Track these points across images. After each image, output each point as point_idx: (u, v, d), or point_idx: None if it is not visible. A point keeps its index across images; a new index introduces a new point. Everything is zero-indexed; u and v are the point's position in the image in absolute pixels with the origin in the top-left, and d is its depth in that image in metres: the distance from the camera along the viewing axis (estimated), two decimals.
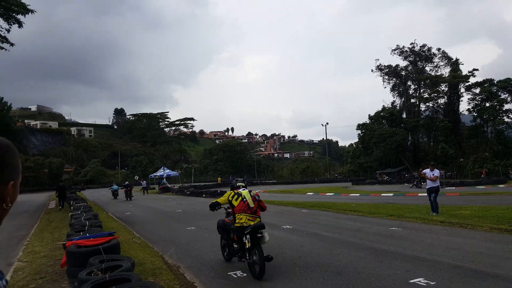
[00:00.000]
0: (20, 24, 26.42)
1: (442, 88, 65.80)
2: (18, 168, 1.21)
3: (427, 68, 70.21)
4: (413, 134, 67.45)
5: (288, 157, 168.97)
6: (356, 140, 72.78)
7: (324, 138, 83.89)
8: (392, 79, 71.75)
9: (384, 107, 70.71)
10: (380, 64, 71.14)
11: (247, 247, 6.28)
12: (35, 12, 26.38)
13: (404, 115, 69.61)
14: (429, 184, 13.30)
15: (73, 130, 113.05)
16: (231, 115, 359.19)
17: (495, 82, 58.58)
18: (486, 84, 58.96)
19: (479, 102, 60.43)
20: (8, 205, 1.16)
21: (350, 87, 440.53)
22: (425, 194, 14.61)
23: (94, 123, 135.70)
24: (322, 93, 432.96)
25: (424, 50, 68.94)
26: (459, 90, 63.67)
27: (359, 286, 5.42)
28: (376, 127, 66.30)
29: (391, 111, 68.00)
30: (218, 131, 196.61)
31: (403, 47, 69.67)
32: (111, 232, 6.63)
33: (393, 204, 17.83)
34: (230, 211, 7.02)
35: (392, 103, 72.29)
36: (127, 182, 32.75)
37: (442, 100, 67.05)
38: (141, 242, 9.90)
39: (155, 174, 57.73)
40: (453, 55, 70.76)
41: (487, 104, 58.89)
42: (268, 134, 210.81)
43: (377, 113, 69.35)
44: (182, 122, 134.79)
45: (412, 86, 71.40)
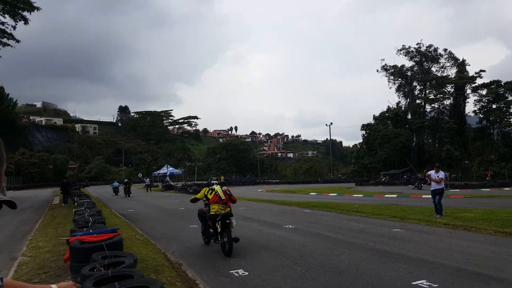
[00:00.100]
0: (26, 21, 26.53)
1: (448, 89, 65.50)
2: (2, 157, 1.31)
3: (433, 69, 69.92)
4: (418, 135, 67.17)
5: (292, 156, 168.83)
6: (360, 140, 72.65)
7: (328, 138, 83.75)
8: (397, 80, 71.49)
9: (389, 108, 70.49)
10: (385, 64, 70.95)
11: (219, 230, 7.79)
12: (41, 9, 26.47)
13: (409, 116, 69.29)
14: (433, 186, 13.24)
15: (77, 127, 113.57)
16: (235, 114, 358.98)
17: (502, 83, 58.13)
18: (493, 86, 58.56)
19: (486, 104, 60.07)
20: None
21: (354, 87, 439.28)
22: (429, 196, 14.55)
23: (98, 120, 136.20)
24: (327, 92, 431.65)
25: (430, 50, 68.60)
26: (465, 91, 63.29)
27: (361, 287, 5.40)
28: (381, 128, 66.07)
29: (396, 112, 67.71)
30: (221, 130, 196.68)
31: (409, 47, 69.43)
32: (114, 228, 6.64)
33: (396, 205, 17.80)
34: (207, 202, 8.40)
35: (397, 103, 72.10)
36: (126, 180, 35.00)
37: (448, 101, 66.82)
38: (143, 239, 9.93)
39: (158, 172, 57.85)
40: (459, 56, 70.25)
41: (494, 106, 58.53)
42: (272, 134, 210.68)
43: (381, 113, 69.11)
44: (186, 121, 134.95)
45: (418, 87, 71.09)
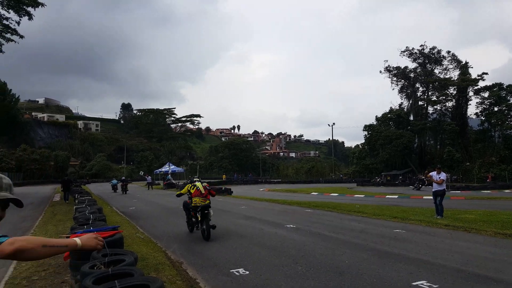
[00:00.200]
0: (30, 16, 26.52)
1: (451, 91, 65.27)
2: None
3: (436, 71, 69.55)
4: (420, 136, 66.97)
5: (294, 156, 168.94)
6: (363, 141, 72.44)
7: (330, 138, 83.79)
8: (400, 81, 71.21)
9: (391, 109, 70.21)
10: (388, 65, 70.68)
11: (199, 219, 9.45)
12: (45, 5, 26.48)
13: (411, 117, 69.08)
14: (435, 187, 13.22)
15: (80, 123, 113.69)
16: (238, 113, 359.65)
17: (504, 86, 57.91)
18: (495, 88, 58.35)
19: (488, 106, 59.85)
20: None
21: (357, 88, 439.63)
22: (429, 197, 14.53)
23: (101, 117, 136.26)
24: (329, 93, 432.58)
25: (433, 52, 68.29)
26: (468, 94, 63.08)
27: (361, 287, 5.40)
28: (383, 129, 65.90)
29: (399, 113, 67.52)
30: (224, 129, 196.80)
31: (413, 48, 69.04)
32: (115, 226, 6.63)
33: (397, 206, 17.78)
34: (189, 196, 9.96)
35: (400, 105, 71.77)
36: (123, 178, 36.95)
37: (450, 103, 66.50)
38: (144, 237, 9.94)
39: (160, 169, 57.99)
40: (462, 58, 70.38)
41: (496, 109, 58.33)
42: (274, 133, 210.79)
43: (384, 114, 68.93)
44: (189, 119, 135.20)
45: (420, 89, 70.77)
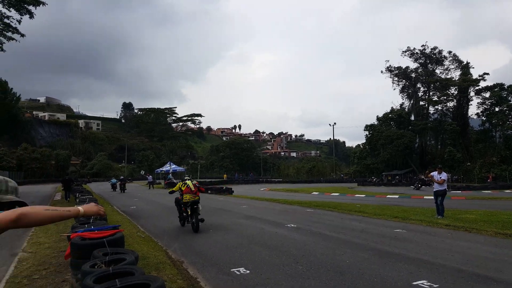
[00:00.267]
0: (31, 15, 26.50)
1: (452, 92, 65.20)
2: None
3: (437, 71, 69.47)
4: (421, 136, 66.89)
5: (295, 156, 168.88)
6: (364, 141, 72.33)
7: (331, 138, 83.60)
8: (401, 81, 71.10)
9: (392, 109, 70.11)
10: (390, 65, 70.58)
11: (189, 214, 10.79)
12: (46, 4, 26.48)
13: (412, 117, 69.03)
14: (436, 187, 13.22)
15: (81, 122, 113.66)
16: (239, 112, 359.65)
17: (505, 86, 57.89)
18: (497, 89, 58.30)
19: (489, 107, 59.78)
20: None
21: (358, 88, 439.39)
22: (430, 197, 14.53)
23: (102, 116, 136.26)
24: (331, 93, 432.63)
25: (435, 52, 68.17)
26: (469, 94, 63.01)
27: (362, 286, 5.41)
28: (384, 129, 65.83)
29: (400, 113, 67.45)
30: (225, 128, 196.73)
31: (414, 48, 68.90)
32: (116, 225, 6.64)
33: (398, 206, 17.77)
34: (181, 193, 11.08)
35: (401, 105, 71.69)
36: (122, 177, 37.31)
37: (451, 104, 66.41)
38: (145, 236, 9.95)
39: (161, 169, 57.95)
40: (464, 58, 70.29)
41: (497, 109, 58.29)
42: (275, 133, 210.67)
43: (385, 114, 68.86)
44: (190, 118, 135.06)
45: (422, 89, 70.64)
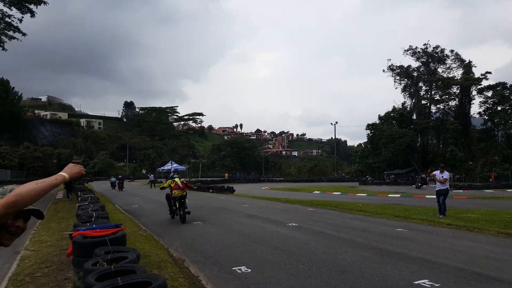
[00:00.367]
0: (32, 14, 26.48)
1: (454, 90, 65.03)
2: None
3: (439, 70, 69.29)
4: (422, 135, 66.76)
5: (296, 155, 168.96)
6: (365, 140, 72.22)
7: (333, 137, 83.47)
8: (403, 80, 70.98)
9: (394, 108, 69.99)
10: (392, 64, 70.40)
11: (177, 207, 12.61)
12: (48, 3, 26.46)
13: (414, 116, 68.90)
14: (438, 186, 13.19)
15: (82, 121, 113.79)
16: (240, 111, 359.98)
17: (508, 85, 57.74)
18: (499, 88, 58.14)
19: (491, 106, 59.64)
20: None
21: (360, 87, 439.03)
22: (432, 196, 14.51)
23: (103, 115, 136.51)
24: (332, 92, 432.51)
25: (437, 51, 67.99)
26: (471, 93, 62.83)
27: (363, 285, 5.41)
28: (386, 128, 65.68)
29: (401, 112, 67.31)
30: (226, 127, 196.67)
31: (416, 47, 68.74)
32: (118, 223, 6.66)
33: (400, 205, 17.74)
34: (170, 189, 12.81)
35: (403, 104, 71.57)
36: (120, 176, 39.09)
37: (453, 103, 66.27)
38: (147, 234, 9.98)
39: (162, 168, 58.05)
40: (466, 57, 69.75)
41: (499, 108, 58.17)
42: (277, 132, 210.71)
43: (387, 113, 68.73)
44: (191, 117, 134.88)
45: (424, 88, 70.49)
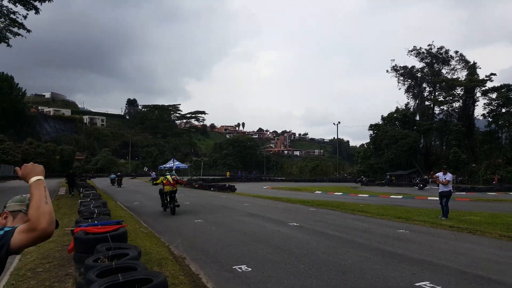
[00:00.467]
0: (37, 10, 26.58)
1: (458, 92, 64.82)
2: None
3: (444, 71, 69.03)
4: (425, 137, 66.55)
5: (298, 154, 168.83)
6: (368, 140, 72.08)
7: (335, 137, 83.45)
8: (407, 81, 70.79)
9: (397, 109, 69.76)
10: (395, 64, 70.27)
11: (168, 200, 14.40)
12: (52, 0, 26.53)
13: (417, 118, 68.72)
14: (441, 188, 13.11)
15: (85, 118, 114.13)
16: (243, 110, 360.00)
17: None
18: (504, 90, 57.81)
19: (495, 108, 59.41)
20: None
21: (363, 87, 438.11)
22: (435, 198, 14.45)
23: (106, 112, 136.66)
24: (335, 91, 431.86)
25: (441, 52, 67.71)
26: (475, 95, 62.58)
27: (364, 286, 5.39)
28: (389, 128, 65.51)
29: (405, 113, 67.11)
30: (229, 126, 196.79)
31: (420, 48, 68.49)
32: (119, 220, 6.66)
33: (402, 206, 17.70)
34: (163, 185, 14.51)
35: (406, 104, 71.34)
36: (118, 173, 40.75)
37: (457, 104, 66.00)
38: (148, 232, 9.98)
39: (164, 165, 57.98)
40: (470, 59, 69.70)
41: (503, 110, 57.93)
42: (279, 131, 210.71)
43: (390, 114, 68.55)
44: (194, 115, 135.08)
45: (427, 88, 70.24)
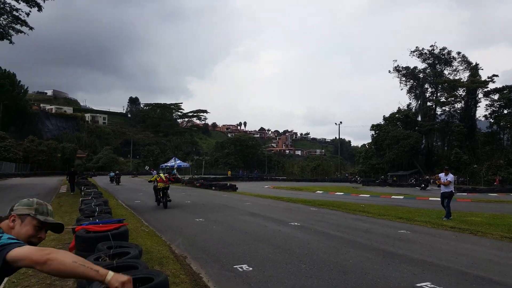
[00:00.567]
0: (40, 8, 26.64)
1: (460, 93, 64.77)
2: None
3: (446, 72, 69.03)
4: (427, 137, 66.48)
5: (300, 154, 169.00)
6: (369, 140, 72.10)
7: (337, 137, 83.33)
8: (409, 81, 70.73)
9: (399, 109, 69.75)
10: (398, 65, 70.22)
11: (161, 196, 15.96)
12: None
13: (419, 118, 68.68)
14: (442, 188, 13.11)
15: (87, 116, 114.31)
16: (244, 109, 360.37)
17: None
18: (506, 91, 57.75)
19: (497, 109, 59.35)
20: None
21: (365, 87, 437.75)
22: (436, 199, 14.44)
23: (108, 110, 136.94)
24: (337, 91, 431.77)
25: (443, 53, 67.64)
26: (477, 96, 62.56)
27: (365, 286, 5.39)
28: (390, 129, 65.47)
29: (406, 113, 67.08)
30: (230, 125, 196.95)
31: (423, 49, 68.45)
32: (120, 219, 6.66)
33: (403, 207, 17.69)
34: (157, 182, 16.20)
35: (408, 105, 71.34)
36: (117, 172, 42.10)
37: (459, 105, 66.03)
38: (149, 230, 9.99)
39: (166, 164, 58.07)
40: (473, 60, 69.70)
41: (505, 111, 57.85)
42: (281, 130, 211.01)
43: (392, 114, 68.52)
44: (195, 114, 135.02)
45: (429, 89, 70.22)
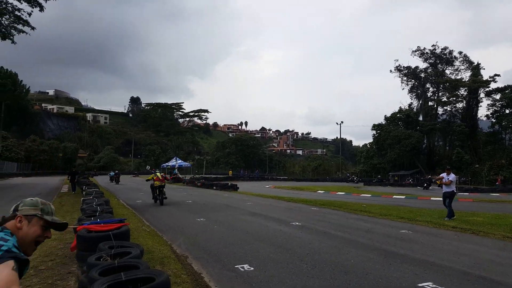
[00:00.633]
0: (41, 8, 26.68)
1: (461, 93, 64.69)
2: None
3: (447, 71, 69.00)
4: (429, 137, 66.41)
5: (301, 154, 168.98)
6: (371, 140, 72.04)
7: (338, 137, 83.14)
8: (410, 81, 70.72)
9: (401, 109, 69.77)
10: (399, 65, 70.19)
11: (157, 194, 16.98)
12: None
13: (420, 118, 68.63)
14: (444, 188, 13.09)
15: (88, 116, 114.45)
16: (246, 109, 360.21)
17: None
18: (507, 91, 57.69)
19: (499, 109, 59.29)
20: None
21: (366, 87, 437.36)
22: (438, 199, 14.42)
23: (109, 110, 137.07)
24: (338, 91, 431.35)
25: (445, 52, 67.59)
26: (479, 95, 62.48)
27: (366, 286, 5.37)
28: (392, 129, 65.42)
29: (408, 113, 67.06)
30: (231, 124, 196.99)
31: (424, 48, 68.44)
32: (122, 218, 6.66)
33: (404, 206, 17.66)
34: (153, 181, 17.16)
35: (409, 105, 71.36)
36: (116, 171, 43.44)
37: (460, 105, 66.02)
38: (150, 230, 9.98)
39: (167, 164, 58.21)
40: (474, 59, 69.54)
41: (507, 111, 57.78)
42: (282, 130, 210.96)
43: (393, 114, 68.50)
44: (197, 114, 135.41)
45: (431, 89, 70.25)
